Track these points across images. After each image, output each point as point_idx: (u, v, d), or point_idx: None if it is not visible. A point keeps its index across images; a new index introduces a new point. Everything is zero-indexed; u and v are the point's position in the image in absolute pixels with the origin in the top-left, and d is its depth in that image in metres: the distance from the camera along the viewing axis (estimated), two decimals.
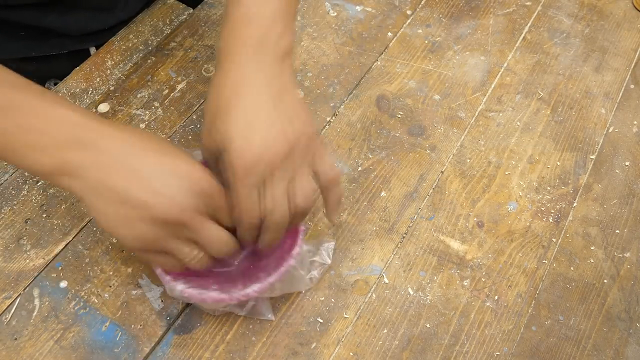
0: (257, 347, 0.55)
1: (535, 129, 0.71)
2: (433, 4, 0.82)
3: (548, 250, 0.62)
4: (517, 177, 0.67)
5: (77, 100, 0.69)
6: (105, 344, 0.54)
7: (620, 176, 0.67)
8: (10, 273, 0.58)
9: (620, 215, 0.64)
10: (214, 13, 0.78)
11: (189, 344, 0.55)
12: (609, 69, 0.76)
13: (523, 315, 0.58)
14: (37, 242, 0.59)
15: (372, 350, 0.55)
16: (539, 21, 0.81)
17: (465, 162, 0.67)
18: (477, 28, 0.80)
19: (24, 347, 0.54)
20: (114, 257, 0.59)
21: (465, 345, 0.56)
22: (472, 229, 0.63)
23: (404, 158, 0.67)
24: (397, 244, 0.61)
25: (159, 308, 0.56)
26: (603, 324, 0.58)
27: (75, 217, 0.61)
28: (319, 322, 0.57)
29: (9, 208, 0.61)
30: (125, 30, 0.76)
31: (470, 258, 0.61)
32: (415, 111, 0.71)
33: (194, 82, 0.72)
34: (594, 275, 0.60)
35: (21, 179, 0.63)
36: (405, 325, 0.57)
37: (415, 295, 0.58)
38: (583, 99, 0.74)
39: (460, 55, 0.77)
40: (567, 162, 0.68)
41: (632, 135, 0.71)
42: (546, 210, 0.64)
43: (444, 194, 0.65)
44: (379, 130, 0.69)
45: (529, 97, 0.73)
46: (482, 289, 0.59)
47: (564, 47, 0.78)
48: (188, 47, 0.75)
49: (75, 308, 0.56)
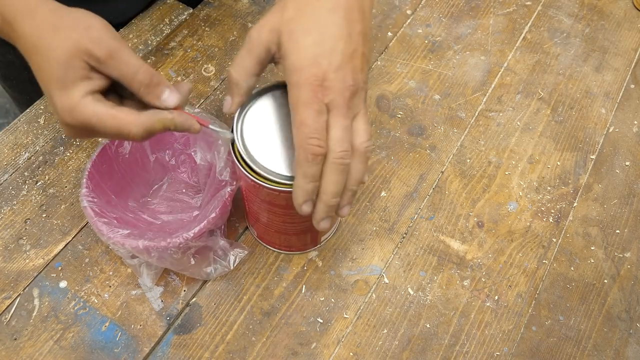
0: (257, 347, 0.55)
1: (535, 128, 0.71)
2: (433, 4, 0.82)
3: (548, 250, 0.62)
4: (517, 177, 0.66)
5: None
6: (105, 344, 0.54)
7: (621, 176, 0.67)
8: (10, 273, 0.58)
9: (621, 215, 0.64)
10: (214, 13, 0.78)
11: (189, 344, 0.55)
12: (609, 69, 0.76)
13: (523, 315, 0.58)
14: (37, 242, 0.59)
15: (372, 350, 0.55)
16: (539, 21, 0.81)
17: (465, 162, 0.67)
18: (477, 28, 0.80)
19: (23, 347, 0.54)
20: (113, 257, 0.59)
21: (465, 346, 0.56)
22: (472, 229, 0.63)
23: (404, 158, 0.67)
24: (397, 244, 0.61)
25: (159, 308, 0.56)
26: (603, 324, 0.58)
27: (75, 217, 0.61)
28: (319, 322, 0.56)
29: (8, 208, 0.61)
30: (125, 30, 0.76)
31: (470, 258, 0.61)
32: (415, 111, 0.71)
33: (194, 82, 0.72)
34: (594, 275, 0.60)
35: (21, 179, 0.63)
36: (406, 326, 0.57)
37: (415, 295, 0.58)
38: (583, 99, 0.73)
39: (460, 55, 0.77)
40: (567, 162, 0.68)
41: (633, 135, 0.71)
42: (546, 210, 0.64)
43: (444, 194, 0.65)
44: (379, 130, 0.69)
45: (529, 97, 0.73)
46: (482, 289, 0.59)
47: (564, 47, 0.78)
48: (188, 47, 0.75)
49: (75, 308, 0.56)
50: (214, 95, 0.71)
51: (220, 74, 0.73)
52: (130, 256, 0.55)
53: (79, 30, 0.43)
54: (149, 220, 0.59)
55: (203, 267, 0.56)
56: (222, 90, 0.71)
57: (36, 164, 0.64)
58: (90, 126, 0.44)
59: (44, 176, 0.64)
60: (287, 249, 0.60)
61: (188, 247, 0.53)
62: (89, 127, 0.44)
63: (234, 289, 0.58)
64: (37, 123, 0.67)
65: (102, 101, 0.44)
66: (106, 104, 0.44)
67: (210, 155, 0.58)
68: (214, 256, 0.57)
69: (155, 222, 0.59)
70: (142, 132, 0.45)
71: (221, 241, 0.57)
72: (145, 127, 0.45)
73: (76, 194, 0.63)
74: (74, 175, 0.64)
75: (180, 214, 0.61)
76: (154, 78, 0.45)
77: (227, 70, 0.44)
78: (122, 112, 0.44)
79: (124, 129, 0.44)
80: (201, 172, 0.60)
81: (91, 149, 0.66)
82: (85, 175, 0.55)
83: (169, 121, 0.46)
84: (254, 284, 0.58)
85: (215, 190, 0.56)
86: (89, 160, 0.56)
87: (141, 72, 0.44)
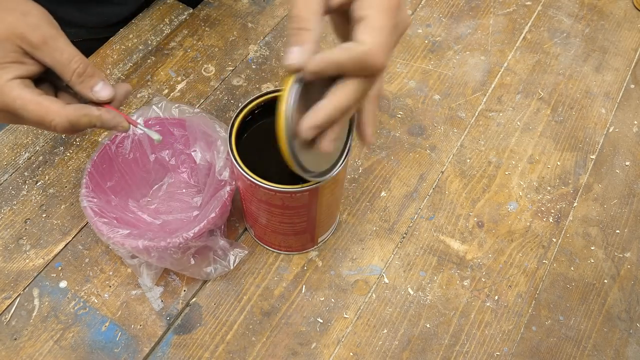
0: (257, 347, 0.55)
1: (535, 128, 0.70)
2: (433, 4, 0.82)
3: (548, 250, 0.62)
4: (517, 177, 0.66)
5: None
6: (105, 344, 0.54)
7: (621, 176, 0.67)
8: (10, 273, 0.58)
9: (621, 215, 0.64)
10: (214, 13, 0.78)
11: (189, 344, 0.55)
12: (609, 69, 0.76)
13: (523, 315, 0.58)
14: (37, 242, 0.59)
15: (372, 350, 0.55)
16: (539, 21, 0.81)
17: (465, 162, 0.67)
18: (477, 28, 0.80)
19: (23, 347, 0.54)
20: (113, 257, 0.59)
21: (465, 346, 0.56)
22: (472, 229, 0.63)
23: (404, 158, 0.67)
24: (397, 244, 0.61)
25: (159, 308, 0.56)
26: (603, 324, 0.58)
27: (75, 217, 0.61)
28: (319, 322, 0.56)
29: (8, 208, 0.61)
30: (125, 30, 0.76)
31: (470, 258, 0.61)
32: (415, 111, 0.71)
33: (193, 82, 0.72)
34: (594, 275, 0.60)
35: (21, 179, 0.63)
36: (405, 326, 0.57)
37: (415, 295, 0.58)
38: (583, 99, 0.73)
39: (460, 55, 0.77)
40: (567, 162, 0.68)
41: (633, 135, 0.71)
42: (546, 210, 0.64)
43: (444, 194, 0.65)
44: (379, 130, 0.69)
45: (529, 97, 0.73)
46: (482, 289, 0.59)
47: (564, 47, 0.78)
48: (188, 47, 0.75)
49: (75, 308, 0.56)
50: (214, 95, 0.71)
51: (221, 74, 0.73)
52: (130, 256, 0.55)
53: (16, 15, 0.43)
54: (149, 220, 0.59)
55: (203, 267, 0.56)
56: (222, 90, 0.71)
57: (36, 164, 0.64)
58: (13, 110, 0.44)
59: (44, 176, 0.64)
60: (286, 249, 0.60)
61: (188, 247, 0.53)
62: (12, 112, 0.44)
63: (234, 289, 0.58)
64: None
65: (30, 87, 0.44)
66: (33, 91, 0.44)
67: (210, 155, 0.58)
68: (213, 256, 0.57)
69: (155, 222, 0.59)
70: (65, 123, 0.44)
71: (221, 241, 0.57)
72: (70, 119, 0.44)
73: (76, 194, 0.63)
74: (74, 175, 0.64)
75: (180, 214, 0.61)
76: (88, 68, 0.45)
77: (289, 12, 0.36)
78: (48, 101, 0.44)
79: (46, 117, 0.44)
80: (201, 172, 0.60)
81: (91, 149, 0.66)
82: (85, 175, 0.55)
83: (95, 117, 0.45)
84: (254, 284, 0.58)
85: (215, 190, 0.56)
86: (89, 160, 0.56)
87: (75, 60, 0.44)
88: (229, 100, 0.70)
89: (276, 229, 0.55)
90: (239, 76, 0.73)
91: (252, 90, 0.71)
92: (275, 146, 0.50)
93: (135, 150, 0.59)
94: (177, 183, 0.63)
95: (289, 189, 0.48)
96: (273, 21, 0.78)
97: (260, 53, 0.75)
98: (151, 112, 0.58)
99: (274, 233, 0.56)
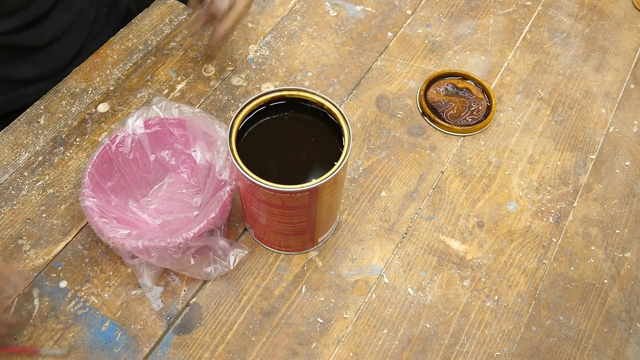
0: (257, 347, 0.55)
1: (535, 128, 0.70)
2: (433, 4, 0.82)
3: (548, 250, 0.62)
4: (517, 177, 0.66)
5: (77, 100, 0.69)
6: (105, 344, 0.54)
7: (621, 176, 0.67)
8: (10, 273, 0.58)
9: (621, 215, 0.64)
10: None
11: (189, 344, 0.55)
12: (609, 69, 0.76)
13: (523, 316, 0.58)
14: (37, 242, 0.59)
15: (372, 350, 0.55)
16: (539, 21, 0.81)
17: (465, 162, 0.67)
18: (477, 28, 0.80)
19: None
20: (113, 257, 0.59)
21: (465, 346, 0.56)
22: (472, 229, 0.63)
23: (404, 158, 0.67)
24: (397, 244, 0.61)
25: (159, 308, 0.56)
26: (603, 324, 0.58)
27: (75, 217, 0.61)
28: (319, 322, 0.56)
29: (8, 208, 0.61)
30: (125, 30, 0.76)
31: (470, 258, 0.61)
32: (415, 111, 0.71)
33: (193, 81, 0.72)
34: (594, 275, 0.60)
35: (21, 179, 0.63)
36: (405, 326, 0.57)
37: (415, 295, 0.58)
38: (583, 99, 0.73)
39: (460, 55, 0.77)
40: (567, 162, 0.68)
41: (632, 135, 0.71)
42: (546, 210, 0.64)
43: (444, 194, 0.65)
44: (379, 130, 0.69)
45: (529, 97, 0.73)
46: (482, 289, 0.59)
47: (564, 47, 0.78)
48: (188, 47, 0.75)
49: (75, 308, 0.56)
50: (213, 95, 0.71)
51: (220, 74, 0.73)
52: (130, 256, 0.55)
53: None
54: (149, 220, 0.59)
55: (203, 267, 0.56)
56: (222, 90, 0.71)
57: (36, 164, 0.64)
58: None
59: (44, 176, 0.64)
60: (286, 249, 0.60)
61: (188, 247, 0.53)
62: None
63: (234, 289, 0.58)
64: (37, 123, 0.67)
65: None
66: None
67: (210, 155, 0.58)
68: (214, 256, 0.57)
69: (155, 222, 0.59)
70: None
71: (221, 241, 0.57)
72: None
73: (76, 194, 0.63)
74: (74, 175, 0.64)
75: (180, 214, 0.61)
76: None
77: None
78: None
79: None
80: (201, 172, 0.60)
81: (91, 149, 0.66)
82: (85, 175, 0.55)
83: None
84: (254, 284, 0.58)
85: (215, 190, 0.56)
86: (89, 160, 0.56)
87: None
88: (229, 100, 0.70)
89: (276, 229, 0.55)
90: (239, 76, 0.73)
91: (252, 90, 0.71)
92: (275, 146, 0.50)
93: (135, 150, 0.59)
94: (177, 183, 0.63)
95: (289, 189, 0.48)
96: (273, 21, 0.78)
97: (260, 53, 0.75)
98: (151, 112, 0.59)
99: (274, 233, 0.56)
